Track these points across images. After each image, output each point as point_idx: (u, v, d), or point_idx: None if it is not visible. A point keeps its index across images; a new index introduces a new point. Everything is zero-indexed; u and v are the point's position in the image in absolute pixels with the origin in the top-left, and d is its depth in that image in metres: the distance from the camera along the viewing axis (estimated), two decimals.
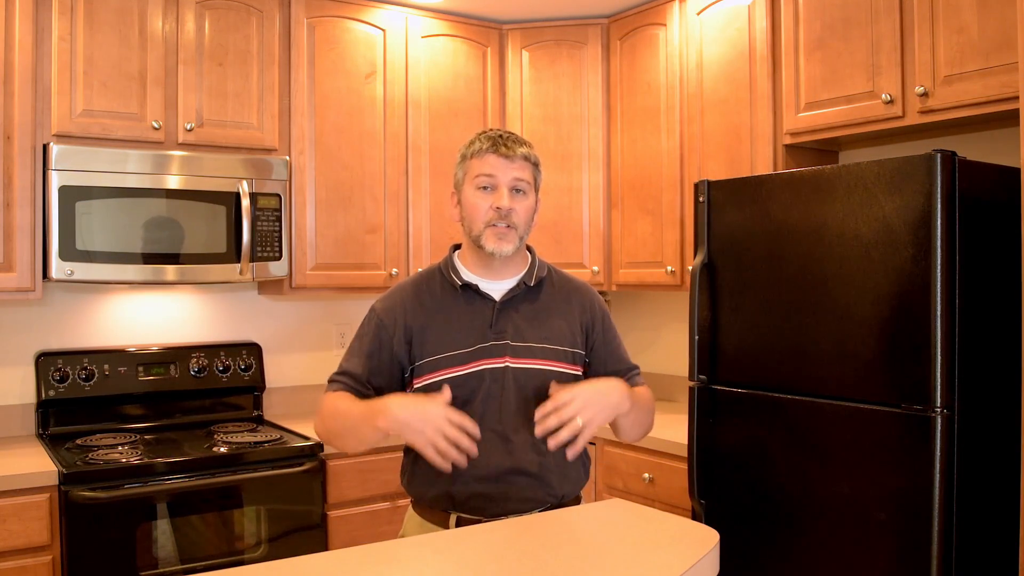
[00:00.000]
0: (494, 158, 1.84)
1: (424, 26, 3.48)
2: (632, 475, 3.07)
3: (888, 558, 2.13)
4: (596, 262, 3.59)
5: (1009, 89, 2.22)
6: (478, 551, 1.55)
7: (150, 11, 2.91)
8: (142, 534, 2.56)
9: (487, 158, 1.85)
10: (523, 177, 1.86)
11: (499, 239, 1.84)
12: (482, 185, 1.85)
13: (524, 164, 1.86)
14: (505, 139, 1.86)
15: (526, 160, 1.87)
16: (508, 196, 1.84)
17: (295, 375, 3.56)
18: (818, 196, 2.31)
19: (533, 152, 1.89)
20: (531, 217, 1.90)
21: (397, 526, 2.07)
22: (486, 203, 1.84)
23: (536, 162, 1.90)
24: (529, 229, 1.90)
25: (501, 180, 1.84)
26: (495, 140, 1.86)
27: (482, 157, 1.86)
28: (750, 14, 2.99)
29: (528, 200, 1.88)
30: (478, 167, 1.86)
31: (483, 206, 1.84)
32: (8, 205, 2.68)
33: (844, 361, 2.24)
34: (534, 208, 1.91)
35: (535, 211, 1.92)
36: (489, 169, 1.84)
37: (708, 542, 1.57)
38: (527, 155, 1.87)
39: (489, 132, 1.89)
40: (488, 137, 1.87)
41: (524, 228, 1.87)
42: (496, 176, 1.84)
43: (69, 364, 3.00)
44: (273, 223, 3.06)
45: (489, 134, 1.88)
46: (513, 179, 1.85)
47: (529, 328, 1.88)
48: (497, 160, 1.84)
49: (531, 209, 1.89)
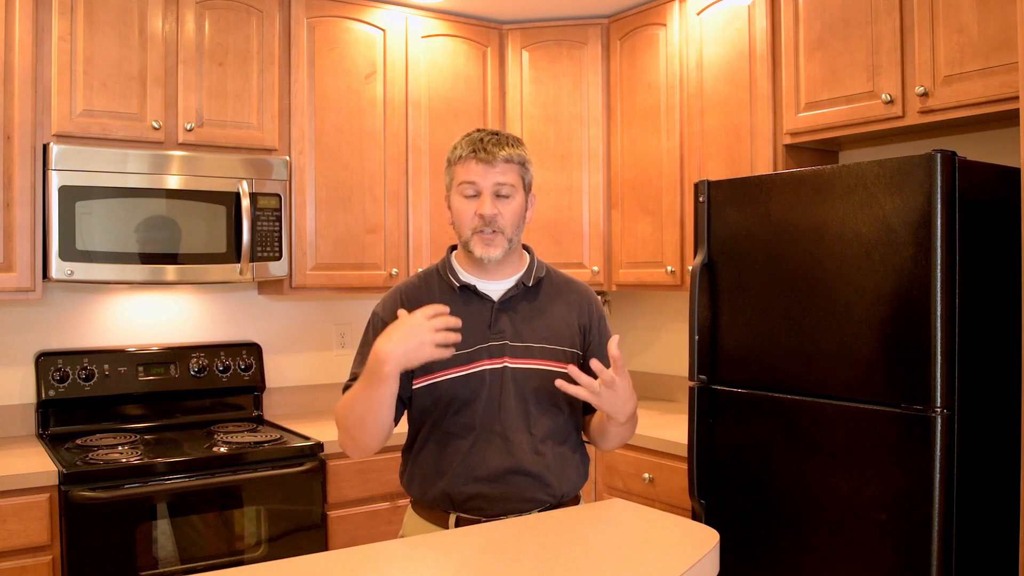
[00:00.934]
0: (475, 164, 1.83)
1: (424, 26, 3.48)
2: (632, 475, 3.07)
3: (888, 558, 2.13)
4: (596, 262, 3.59)
5: (1009, 89, 2.22)
6: (478, 551, 1.55)
7: (150, 11, 2.91)
8: (142, 534, 2.56)
9: (468, 164, 1.84)
10: (505, 181, 1.83)
11: (486, 245, 1.83)
12: (465, 193, 1.85)
13: (506, 167, 1.84)
14: (486, 143, 1.84)
15: (508, 162, 1.84)
16: (490, 203, 1.82)
17: (295, 375, 3.56)
18: (818, 196, 2.31)
19: (518, 152, 1.86)
20: (519, 218, 1.88)
21: (397, 526, 2.07)
22: (471, 210, 1.84)
23: (522, 161, 1.87)
24: (520, 229, 1.89)
25: (483, 187, 1.83)
26: (476, 145, 1.84)
27: (464, 164, 1.85)
28: (750, 14, 2.99)
29: (514, 202, 1.85)
30: (461, 174, 1.85)
31: (468, 213, 1.84)
32: (8, 205, 2.68)
33: (844, 361, 2.24)
34: (523, 208, 1.89)
35: (526, 209, 1.90)
36: (471, 176, 1.83)
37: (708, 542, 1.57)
38: (509, 157, 1.84)
39: (472, 135, 1.87)
40: (470, 141, 1.85)
41: (513, 230, 1.86)
42: (477, 183, 1.83)
43: (69, 364, 3.00)
44: (273, 223, 3.06)
45: (472, 137, 1.86)
46: (495, 184, 1.83)
47: (527, 328, 1.87)
48: (478, 167, 1.83)
49: (518, 211, 1.87)
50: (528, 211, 1.92)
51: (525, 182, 1.89)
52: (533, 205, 1.94)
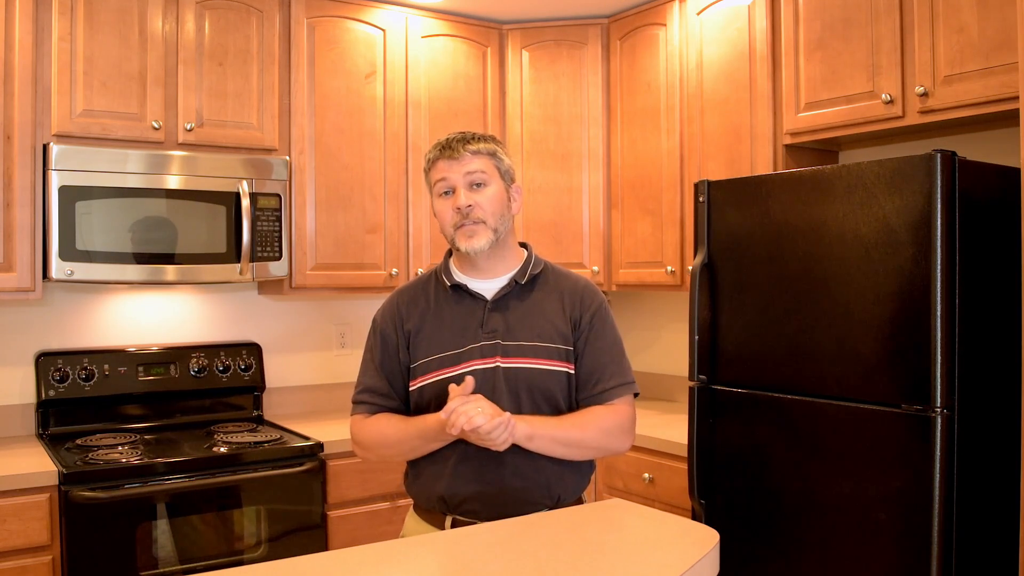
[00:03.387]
0: (443, 163, 1.86)
1: (424, 26, 3.48)
2: (632, 475, 3.07)
3: (888, 558, 2.13)
4: (596, 262, 3.59)
5: (1009, 89, 2.22)
6: (478, 551, 1.55)
7: (150, 11, 2.91)
8: (142, 534, 2.56)
9: (439, 165, 1.87)
10: (476, 169, 1.85)
11: (469, 237, 1.84)
12: (441, 191, 1.87)
13: (474, 158, 1.85)
14: (451, 141, 1.87)
15: (476, 154, 1.86)
16: (465, 194, 1.84)
17: (295, 375, 3.56)
18: (818, 196, 2.31)
19: (485, 144, 1.87)
20: (501, 207, 1.87)
21: (397, 526, 2.07)
22: (449, 207, 1.86)
23: (491, 152, 1.88)
24: (505, 220, 1.87)
25: (455, 181, 1.85)
26: (443, 146, 1.87)
27: (435, 165, 1.88)
28: (750, 14, 2.99)
29: (489, 190, 1.86)
30: (435, 175, 1.88)
31: (448, 211, 1.86)
32: (8, 205, 2.68)
33: (844, 361, 2.24)
34: (503, 196, 1.88)
35: (510, 199, 1.90)
36: (442, 174, 1.86)
37: (708, 542, 1.57)
38: (476, 150, 1.86)
39: (441, 140, 1.90)
40: (438, 145, 1.89)
41: (495, 219, 1.85)
42: (448, 178, 1.85)
43: (69, 364, 3.00)
44: (273, 223, 3.06)
45: (440, 142, 1.89)
46: (465, 175, 1.85)
47: (520, 326, 1.86)
48: (446, 164, 1.86)
49: (496, 199, 1.86)
50: (514, 203, 1.91)
51: (501, 171, 1.89)
52: (520, 197, 1.94)
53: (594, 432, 1.83)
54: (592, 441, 1.84)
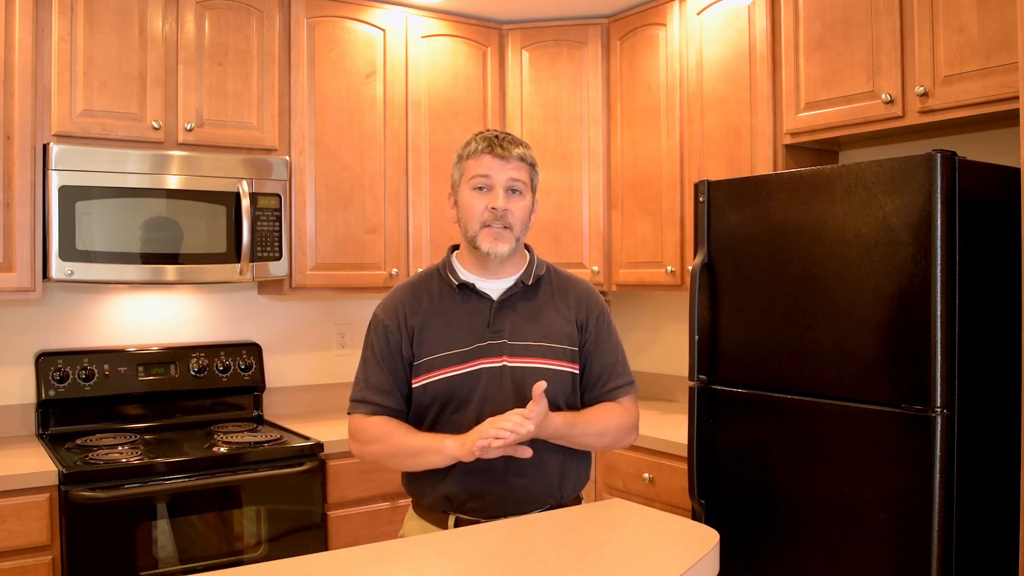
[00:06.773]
0: (490, 159, 1.85)
1: (424, 26, 3.48)
2: (632, 475, 3.07)
3: (888, 558, 2.13)
4: (596, 262, 3.59)
5: (1009, 89, 2.22)
6: (478, 551, 1.55)
7: (150, 11, 2.91)
8: (142, 534, 2.56)
9: (483, 159, 1.85)
10: (519, 177, 1.86)
11: (495, 239, 1.84)
12: (478, 186, 1.86)
13: (520, 165, 1.86)
14: (501, 140, 1.86)
15: (522, 161, 1.87)
16: (504, 197, 1.84)
17: (295, 375, 3.56)
18: (818, 196, 2.31)
19: (530, 153, 1.89)
20: (527, 217, 1.90)
21: (397, 526, 2.07)
22: (482, 204, 1.85)
23: (532, 163, 1.90)
24: (526, 230, 1.90)
25: (496, 181, 1.84)
26: (491, 141, 1.86)
27: (478, 158, 1.86)
28: (750, 14, 2.99)
29: (524, 200, 1.88)
30: (474, 168, 1.86)
31: (479, 207, 1.85)
32: (8, 205, 2.68)
33: (844, 361, 2.24)
34: (531, 209, 1.91)
35: (532, 212, 1.92)
36: (485, 170, 1.85)
37: (708, 542, 1.57)
38: (523, 156, 1.87)
39: (485, 133, 1.89)
40: (484, 138, 1.87)
41: (520, 228, 1.87)
42: (492, 176, 1.84)
43: (69, 364, 3.00)
44: (273, 223, 3.06)
45: (485, 135, 1.88)
46: (509, 179, 1.85)
47: (526, 327, 1.87)
48: (493, 161, 1.84)
49: (527, 209, 1.89)
50: (533, 215, 1.94)
51: (533, 184, 1.92)
52: (537, 209, 1.96)
53: (615, 425, 1.91)
54: (613, 432, 1.90)
